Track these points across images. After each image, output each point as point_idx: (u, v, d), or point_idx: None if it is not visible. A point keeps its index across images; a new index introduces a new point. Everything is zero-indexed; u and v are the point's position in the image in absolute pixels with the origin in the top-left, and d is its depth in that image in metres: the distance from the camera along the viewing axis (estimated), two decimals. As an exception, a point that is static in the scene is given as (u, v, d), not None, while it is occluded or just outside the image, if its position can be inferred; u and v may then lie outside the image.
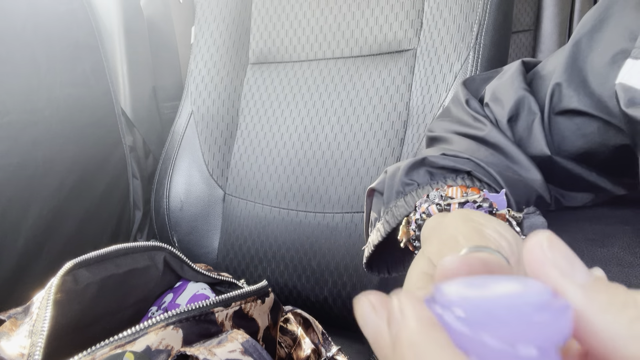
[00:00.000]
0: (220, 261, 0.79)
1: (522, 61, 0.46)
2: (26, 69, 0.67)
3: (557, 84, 0.39)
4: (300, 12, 0.77)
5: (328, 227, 0.69)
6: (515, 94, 0.42)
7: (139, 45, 0.90)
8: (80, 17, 0.78)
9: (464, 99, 0.45)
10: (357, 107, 0.70)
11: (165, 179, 0.82)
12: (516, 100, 0.42)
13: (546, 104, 0.40)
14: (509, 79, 0.44)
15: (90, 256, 0.45)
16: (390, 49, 0.69)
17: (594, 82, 0.37)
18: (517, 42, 1.56)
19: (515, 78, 0.43)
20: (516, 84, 0.43)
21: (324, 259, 0.69)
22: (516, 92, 0.42)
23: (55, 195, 0.72)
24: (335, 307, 0.69)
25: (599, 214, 0.42)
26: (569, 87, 0.38)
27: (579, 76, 0.38)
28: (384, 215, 0.39)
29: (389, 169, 0.42)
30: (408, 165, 0.39)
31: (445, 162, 0.38)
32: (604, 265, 0.33)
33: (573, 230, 0.39)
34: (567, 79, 0.38)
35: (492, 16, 0.62)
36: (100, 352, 0.36)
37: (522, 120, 0.42)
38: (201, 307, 0.41)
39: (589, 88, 0.37)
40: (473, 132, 0.42)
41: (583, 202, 0.45)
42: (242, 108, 0.81)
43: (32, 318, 0.40)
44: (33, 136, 0.68)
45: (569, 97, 0.38)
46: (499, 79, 0.45)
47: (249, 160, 0.78)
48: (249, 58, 0.82)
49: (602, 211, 0.43)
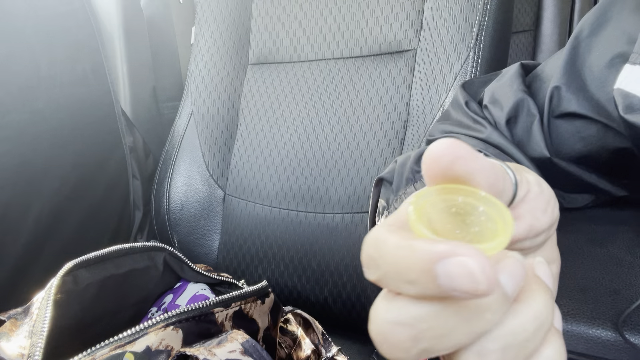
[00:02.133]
0: (220, 261, 0.79)
1: (521, 64, 0.46)
2: (26, 69, 0.67)
3: (556, 87, 0.39)
4: (300, 12, 0.77)
5: (328, 228, 0.69)
6: (514, 96, 0.42)
7: (139, 45, 0.90)
8: (81, 17, 0.78)
9: (463, 101, 0.45)
10: (357, 108, 0.70)
11: (165, 179, 0.82)
12: (515, 102, 0.42)
13: (545, 106, 0.40)
14: (508, 81, 0.44)
15: (90, 257, 0.45)
16: (390, 49, 0.69)
17: (592, 85, 0.37)
18: (517, 42, 1.56)
19: (514, 80, 0.44)
20: (515, 86, 0.43)
21: (324, 259, 0.69)
22: (515, 94, 0.42)
23: (55, 195, 0.72)
24: (335, 307, 0.69)
25: (599, 215, 0.42)
26: (568, 90, 0.38)
27: (577, 80, 0.38)
28: (393, 203, 0.39)
29: (399, 158, 0.42)
30: (419, 153, 0.39)
31: None
32: (603, 265, 0.33)
33: (573, 231, 0.39)
34: (566, 83, 0.39)
35: (492, 16, 0.62)
36: (100, 352, 0.36)
37: (521, 122, 0.42)
38: (201, 307, 0.41)
39: (588, 92, 0.38)
40: (473, 134, 0.42)
41: (584, 204, 0.45)
42: (242, 108, 0.81)
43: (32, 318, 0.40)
44: (33, 136, 0.68)
45: (568, 100, 0.38)
46: (498, 81, 0.45)
47: (249, 160, 0.78)
48: (249, 58, 0.82)
49: (602, 212, 0.43)
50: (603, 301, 0.29)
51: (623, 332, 0.25)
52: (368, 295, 0.66)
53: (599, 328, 0.27)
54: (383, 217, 0.41)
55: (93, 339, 0.37)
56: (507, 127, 0.42)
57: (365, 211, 0.67)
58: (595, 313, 0.28)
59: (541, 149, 0.41)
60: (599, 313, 0.28)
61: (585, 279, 0.32)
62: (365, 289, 0.66)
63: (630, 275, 0.31)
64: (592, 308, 0.29)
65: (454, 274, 0.15)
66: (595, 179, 0.42)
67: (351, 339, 0.68)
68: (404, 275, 0.16)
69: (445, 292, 0.15)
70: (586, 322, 0.28)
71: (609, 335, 0.27)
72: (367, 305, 0.66)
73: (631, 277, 0.31)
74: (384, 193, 0.43)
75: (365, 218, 0.67)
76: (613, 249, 0.35)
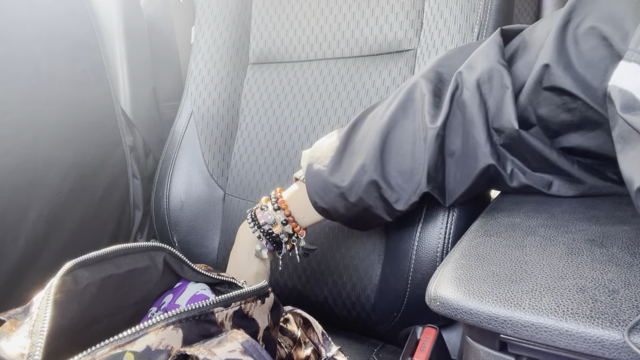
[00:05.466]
0: (220, 261, 0.79)
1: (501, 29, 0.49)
2: (26, 69, 0.67)
3: (545, 65, 0.41)
4: (300, 12, 0.77)
5: (328, 227, 0.69)
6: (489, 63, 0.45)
7: (139, 45, 0.90)
8: (81, 16, 0.78)
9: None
10: (357, 107, 0.70)
11: (165, 179, 0.82)
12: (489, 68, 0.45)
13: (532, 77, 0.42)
14: (485, 48, 0.47)
15: (89, 256, 0.45)
16: (391, 49, 0.70)
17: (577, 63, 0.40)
18: (517, 42, 1.56)
19: (491, 48, 0.46)
20: (491, 55, 0.45)
21: (324, 259, 0.69)
22: (490, 62, 0.45)
23: (55, 195, 0.72)
24: (335, 307, 0.69)
25: (598, 215, 0.42)
26: (557, 67, 0.40)
27: (565, 57, 0.40)
28: None
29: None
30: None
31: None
32: (603, 266, 0.33)
33: (573, 230, 0.39)
34: (556, 60, 0.40)
35: (493, 17, 0.62)
36: (100, 352, 0.36)
37: (494, 91, 0.44)
38: (201, 307, 0.41)
39: (574, 69, 0.40)
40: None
41: (542, 185, 0.47)
42: (242, 108, 0.81)
43: (31, 318, 0.40)
44: (33, 136, 0.68)
45: (558, 76, 0.41)
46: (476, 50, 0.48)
47: (249, 160, 0.78)
48: (249, 58, 0.82)
49: (602, 212, 0.43)
50: (602, 301, 0.29)
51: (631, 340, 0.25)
52: (368, 295, 0.66)
53: (598, 327, 0.27)
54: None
55: (93, 338, 0.37)
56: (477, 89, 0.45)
57: (365, 211, 0.67)
58: (595, 312, 0.28)
59: (511, 121, 0.43)
60: (598, 313, 0.28)
61: (585, 278, 0.32)
62: (365, 289, 0.66)
63: (630, 275, 0.31)
64: (591, 307, 0.29)
65: None
66: (556, 157, 0.45)
67: (351, 339, 0.68)
68: None
69: None
70: (585, 321, 0.28)
71: (608, 335, 0.27)
72: (367, 305, 0.66)
73: (630, 278, 0.31)
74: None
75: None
76: (612, 248, 0.35)
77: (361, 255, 0.67)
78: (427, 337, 0.53)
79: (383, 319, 0.65)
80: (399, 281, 0.62)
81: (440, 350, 0.55)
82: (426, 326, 0.55)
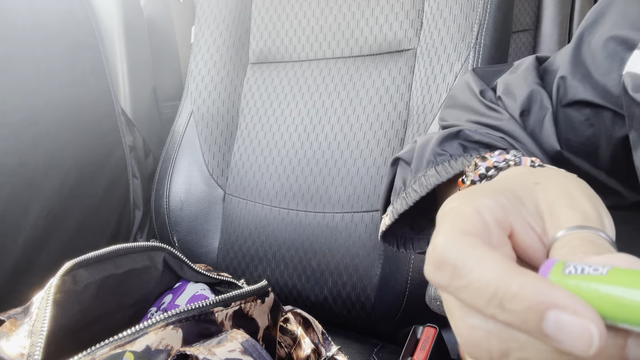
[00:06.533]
0: (220, 261, 0.79)
1: (536, 57, 0.47)
2: (26, 69, 0.67)
3: (561, 77, 0.40)
4: (300, 12, 0.77)
5: (328, 227, 0.69)
6: (528, 88, 0.43)
7: (139, 45, 0.90)
8: (80, 17, 0.78)
9: (477, 89, 0.46)
10: (357, 107, 0.70)
11: (165, 179, 0.82)
12: (528, 94, 0.43)
13: (553, 96, 0.41)
14: (522, 73, 0.45)
15: (89, 256, 0.45)
16: (390, 48, 0.69)
17: (596, 72, 0.38)
18: (517, 42, 1.56)
19: (529, 73, 0.44)
20: (529, 79, 0.44)
21: (324, 259, 0.69)
22: (529, 86, 0.43)
23: (55, 195, 0.72)
24: (335, 307, 0.69)
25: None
26: (573, 79, 0.39)
27: (581, 68, 0.39)
28: (410, 185, 0.39)
29: (419, 139, 0.42)
30: (442, 136, 0.39)
31: (480, 137, 0.39)
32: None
33: (573, 230, 0.39)
34: (572, 72, 0.39)
35: (493, 16, 0.62)
36: (100, 352, 0.36)
37: (533, 114, 0.43)
38: (201, 307, 0.41)
39: (593, 78, 0.38)
40: (488, 121, 0.43)
41: None
42: (242, 108, 0.81)
43: (31, 318, 0.40)
44: (33, 136, 0.68)
45: (575, 88, 0.39)
46: (512, 73, 0.46)
47: (249, 160, 0.78)
48: (249, 58, 0.82)
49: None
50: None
51: None
52: (368, 294, 0.66)
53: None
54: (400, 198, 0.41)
55: (93, 338, 0.38)
56: (521, 119, 0.43)
57: (365, 210, 0.67)
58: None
59: (552, 142, 0.41)
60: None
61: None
62: (365, 289, 0.66)
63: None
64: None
65: (567, 330, 0.14)
66: (604, 177, 0.42)
67: (351, 339, 0.68)
68: (499, 301, 0.15)
69: (543, 335, 0.14)
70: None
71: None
72: (367, 304, 0.66)
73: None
74: (401, 173, 0.43)
75: (366, 217, 0.67)
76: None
77: (361, 255, 0.67)
78: (427, 337, 0.53)
79: (383, 318, 0.65)
80: (398, 281, 0.62)
81: (440, 350, 0.55)
82: (426, 326, 0.55)
